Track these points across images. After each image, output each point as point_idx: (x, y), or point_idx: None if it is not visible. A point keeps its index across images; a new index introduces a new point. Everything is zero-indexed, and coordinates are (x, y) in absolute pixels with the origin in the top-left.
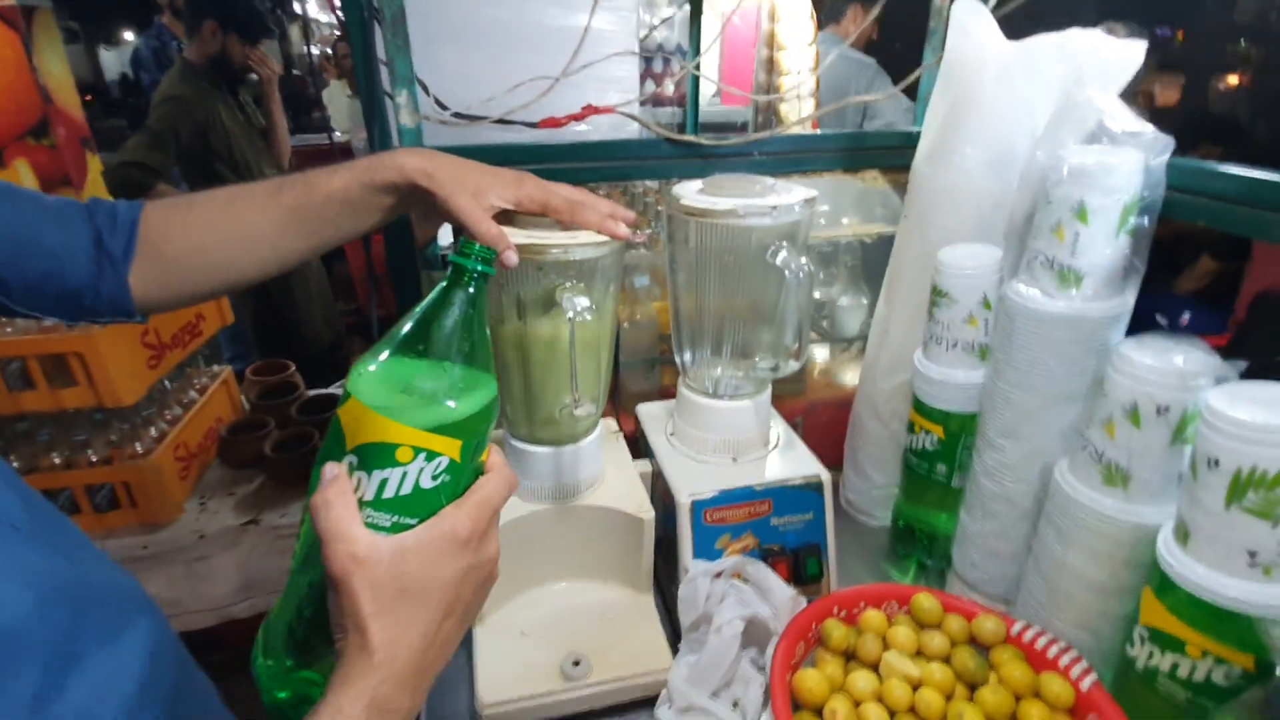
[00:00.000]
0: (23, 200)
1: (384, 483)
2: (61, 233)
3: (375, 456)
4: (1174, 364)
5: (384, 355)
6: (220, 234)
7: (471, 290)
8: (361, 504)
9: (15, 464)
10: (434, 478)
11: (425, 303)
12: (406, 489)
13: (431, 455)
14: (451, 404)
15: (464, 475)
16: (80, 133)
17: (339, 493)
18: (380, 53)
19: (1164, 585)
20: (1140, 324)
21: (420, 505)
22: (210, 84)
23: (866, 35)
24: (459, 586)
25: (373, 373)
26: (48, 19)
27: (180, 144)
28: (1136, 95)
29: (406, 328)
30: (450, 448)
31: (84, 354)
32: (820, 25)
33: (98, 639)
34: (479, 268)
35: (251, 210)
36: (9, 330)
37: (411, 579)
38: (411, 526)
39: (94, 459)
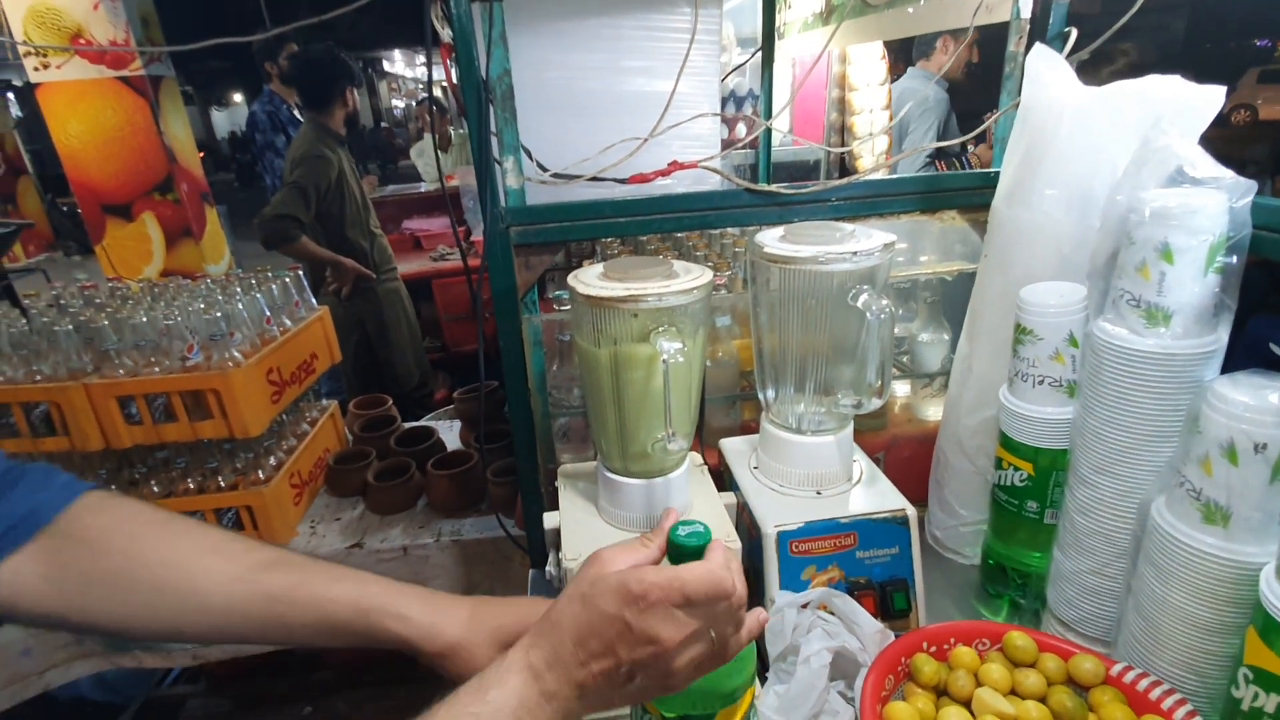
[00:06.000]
0: None
1: None
2: None
3: None
4: (1270, 402)
5: None
6: (173, 577)
7: None
8: None
9: (156, 489)
10: None
11: None
12: None
13: None
14: None
15: None
16: (200, 188)
17: None
18: (491, 124)
19: (1268, 624)
20: (1257, 352)
21: None
22: (337, 141)
23: (964, 61)
24: None
25: None
26: (172, 87)
27: (318, 196)
28: (1239, 109)
29: None
30: None
31: (220, 390)
32: (910, 63)
33: None
34: None
35: (222, 564)
36: (156, 370)
37: None
38: None
39: (222, 484)
